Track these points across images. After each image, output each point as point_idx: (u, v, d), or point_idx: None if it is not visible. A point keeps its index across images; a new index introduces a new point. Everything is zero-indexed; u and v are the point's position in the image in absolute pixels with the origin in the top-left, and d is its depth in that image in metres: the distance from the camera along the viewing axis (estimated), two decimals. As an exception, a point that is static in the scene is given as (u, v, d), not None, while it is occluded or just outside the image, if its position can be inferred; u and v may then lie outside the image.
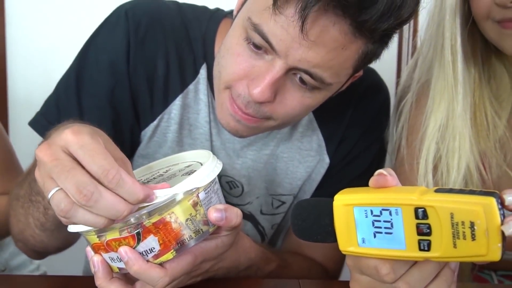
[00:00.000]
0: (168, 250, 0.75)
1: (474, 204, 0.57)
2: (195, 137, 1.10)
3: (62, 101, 1.06)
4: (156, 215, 0.73)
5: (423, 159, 1.06)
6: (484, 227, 0.56)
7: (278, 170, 1.15)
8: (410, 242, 0.61)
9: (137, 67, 1.05)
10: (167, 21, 1.08)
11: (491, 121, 1.07)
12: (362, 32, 0.86)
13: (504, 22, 0.96)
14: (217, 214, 0.77)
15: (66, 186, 0.64)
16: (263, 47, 0.89)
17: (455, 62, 1.03)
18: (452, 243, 0.58)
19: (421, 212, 0.59)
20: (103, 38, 1.08)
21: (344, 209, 0.64)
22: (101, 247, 0.75)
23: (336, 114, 1.13)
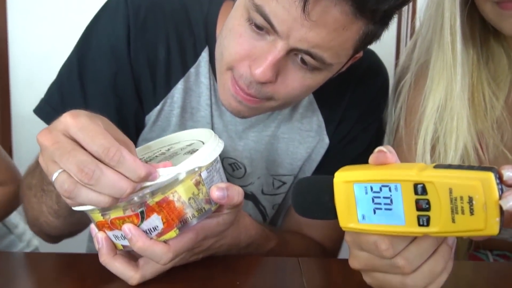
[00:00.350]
0: (171, 229, 0.76)
1: (472, 179, 0.58)
2: (197, 119, 1.11)
3: (65, 87, 1.07)
4: (159, 194, 0.74)
5: (421, 139, 1.06)
6: (483, 202, 0.57)
7: (279, 151, 1.16)
8: (410, 217, 0.61)
9: (138, 52, 1.06)
10: (167, 4, 1.08)
11: (489, 102, 1.08)
12: (363, 13, 0.87)
13: (503, 2, 0.96)
14: (219, 192, 0.78)
15: (68, 167, 0.65)
16: (264, 28, 0.89)
17: (454, 42, 1.03)
18: (451, 218, 0.59)
19: (420, 187, 0.60)
20: (103, 23, 1.08)
21: (344, 185, 0.65)
22: (105, 225, 0.76)
23: (336, 95, 1.14)
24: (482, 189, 0.57)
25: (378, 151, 0.65)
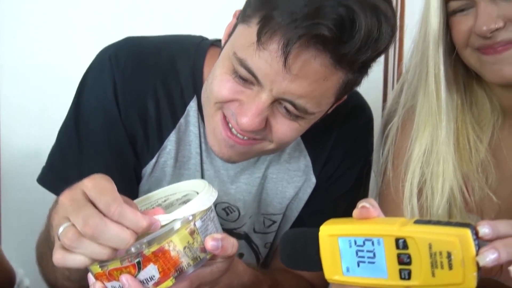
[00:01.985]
0: (167, 278, 0.76)
1: (450, 235, 0.59)
2: (188, 167, 1.12)
3: (66, 153, 1.09)
4: (155, 244, 0.74)
5: (409, 182, 1.08)
6: (460, 257, 0.58)
7: (269, 191, 1.16)
8: (392, 271, 0.62)
9: (128, 110, 1.07)
10: (151, 58, 1.10)
11: (473, 145, 1.09)
12: (342, 64, 0.89)
13: (483, 48, 0.99)
14: (214, 242, 0.78)
15: (75, 220, 0.68)
16: (249, 80, 0.91)
17: (439, 90, 1.06)
18: (431, 272, 0.60)
19: (401, 242, 0.61)
20: (90, 85, 1.09)
21: (329, 239, 0.65)
22: (103, 276, 0.76)
23: (322, 136, 1.15)
24: (459, 245, 0.59)
25: (361, 206, 0.66)
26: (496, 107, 1.12)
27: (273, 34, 0.87)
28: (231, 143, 0.97)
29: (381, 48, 0.91)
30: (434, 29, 1.04)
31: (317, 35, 0.85)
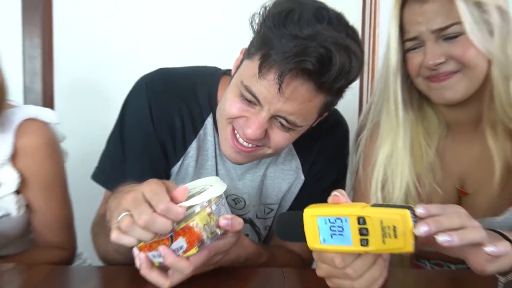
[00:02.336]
0: (192, 247, 0.80)
1: (395, 214, 0.65)
2: (206, 168, 1.14)
3: (113, 157, 1.12)
4: (183, 223, 0.78)
5: (375, 180, 1.10)
6: (402, 230, 0.65)
7: (268, 186, 1.18)
8: (355, 240, 0.68)
9: (160, 125, 1.10)
10: (177, 85, 1.12)
11: (424, 151, 1.11)
12: (322, 90, 0.93)
13: (430, 78, 1.02)
14: (225, 221, 0.81)
15: (133, 213, 0.73)
16: (252, 101, 0.95)
17: (397, 110, 1.08)
18: (382, 240, 0.66)
19: (361, 220, 0.67)
20: (131, 106, 1.12)
21: (310, 218, 0.70)
22: (145, 248, 0.81)
23: (309, 144, 1.16)
24: (401, 221, 0.65)
25: (333, 195, 0.71)
26: (442, 122, 1.13)
27: (270, 68, 0.90)
28: (237, 149, 1.01)
29: (351, 78, 0.94)
30: (393, 63, 1.05)
31: (303, 69, 0.88)
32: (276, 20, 0.92)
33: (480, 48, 0.97)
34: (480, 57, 0.99)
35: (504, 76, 1.00)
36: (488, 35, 0.98)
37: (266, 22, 0.94)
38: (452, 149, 1.15)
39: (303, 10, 0.91)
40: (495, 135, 1.07)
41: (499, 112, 1.03)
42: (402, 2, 1.03)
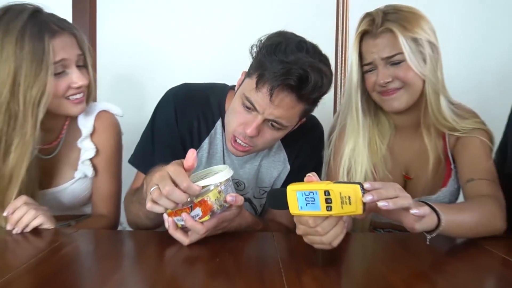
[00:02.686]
0: (206, 215, 0.86)
1: (350, 187, 0.72)
2: (215, 158, 1.19)
3: (145, 148, 1.17)
4: (199, 197, 0.84)
5: (342, 168, 1.16)
6: (354, 198, 0.72)
7: (262, 173, 1.22)
8: (323, 207, 0.74)
9: (182, 126, 1.14)
10: (196, 97, 1.17)
11: (378, 147, 1.18)
12: (302, 100, 1.00)
13: (381, 93, 1.10)
14: (231, 198, 0.88)
15: (160, 186, 0.80)
16: (251, 108, 1.01)
17: (358, 116, 1.15)
18: (341, 206, 0.73)
19: (327, 192, 0.73)
20: (160, 111, 1.16)
21: (292, 192, 0.76)
22: (172, 214, 0.87)
23: (294, 142, 1.20)
24: (353, 192, 0.72)
25: (308, 176, 0.77)
26: (391, 125, 1.20)
27: (264, 84, 0.97)
28: (236, 148, 1.07)
29: (323, 92, 1.02)
30: (354, 82, 1.12)
31: (288, 84, 0.96)
32: (269, 49, 0.99)
33: (416, 72, 1.05)
34: (417, 78, 1.07)
35: (434, 92, 1.08)
36: (422, 62, 1.05)
37: (261, 51, 1.01)
38: (399, 145, 1.21)
39: (288, 42, 0.98)
40: (429, 135, 1.15)
41: (432, 118, 1.11)
42: (360, 38, 1.10)
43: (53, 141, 1.17)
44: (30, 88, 0.98)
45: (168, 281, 0.73)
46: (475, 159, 1.08)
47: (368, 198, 0.73)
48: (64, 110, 1.10)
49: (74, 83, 1.07)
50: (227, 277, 0.75)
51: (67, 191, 1.19)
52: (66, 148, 1.19)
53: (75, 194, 1.20)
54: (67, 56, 1.05)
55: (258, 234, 1.01)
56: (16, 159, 1.01)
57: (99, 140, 1.21)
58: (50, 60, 1.00)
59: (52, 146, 1.17)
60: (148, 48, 1.85)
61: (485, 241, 0.94)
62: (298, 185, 0.77)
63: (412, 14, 1.07)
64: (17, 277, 0.72)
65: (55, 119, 1.14)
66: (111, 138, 1.23)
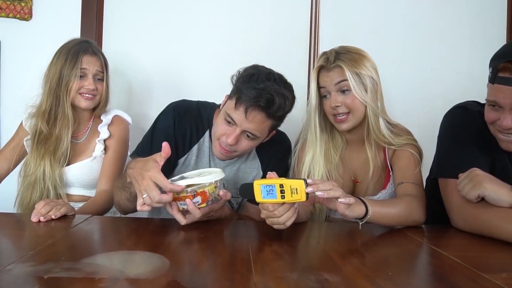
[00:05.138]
0: (204, 203, 1.00)
1: (297, 182, 0.92)
2: (203, 161, 1.33)
3: (144, 147, 1.30)
4: (201, 189, 0.99)
5: (303, 173, 1.32)
6: (300, 190, 0.91)
7: (240, 176, 1.35)
8: (278, 196, 0.92)
9: (178, 132, 1.28)
10: (191, 111, 1.32)
11: (332, 156, 1.36)
12: (270, 117, 1.17)
13: (335, 116, 1.29)
14: (223, 193, 1.03)
15: (150, 195, 0.94)
16: (231, 122, 1.17)
17: (316, 132, 1.32)
18: (291, 196, 0.92)
19: (281, 185, 0.91)
20: (162, 119, 1.31)
21: (257, 185, 0.94)
22: (177, 199, 1.00)
23: (266, 151, 1.35)
24: (299, 185, 0.91)
25: (268, 173, 0.96)
26: (343, 139, 1.38)
27: (241, 104, 1.14)
28: (221, 152, 1.23)
29: (286, 111, 1.21)
30: (313, 104, 1.30)
31: (258, 105, 1.13)
32: (245, 79, 1.18)
33: (359, 99, 1.26)
34: (360, 104, 1.27)
35: (374, 115, 1.29)
36: (364, 91, 1.26)
37: (239, 80, 1.20)
38: (349, 156, 1.38)
39: (259, 73, 1.18)
40: (371, 148, 1.35)
41: (372, 134, 1.32)
42: (318, 71, 1.31)
43: (82, 131, 1.63)
44: (66, 81, 1.49)
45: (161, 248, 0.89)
46: (405, 167, 1.28)
47: (309, 189, 0.93)
48: (78, 102, 1.54)
49: (86, 85, 1.53)
50: (212, 250, 0.91)
51: (87, 165, 1.57)
52: (90, 136, 1.62)
53: (92, 170, 1.58)
54: (88, 67, 1.54)
55: (234, 222, 1.20)
56: (60, 127, 1.52)
57: (113, 129, 1.62)
58: (78, 66, 1.51)
59: (80, 134, 1.62)
60: (151, 64, 2.00)
61: (407, 229, 1.13)
62: (261, 180, 0.97)
63: (358, 55, 1.27)
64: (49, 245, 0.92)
65: (82, 113, 1.59)
66: (122, 130, 1.62)
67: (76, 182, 1.59)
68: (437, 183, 1.24)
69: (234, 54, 1.97)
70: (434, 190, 1.24)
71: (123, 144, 1.63)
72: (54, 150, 1.52)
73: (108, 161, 1.58)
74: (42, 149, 1.52)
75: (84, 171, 1.58)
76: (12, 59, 1.93)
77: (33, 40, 1.94)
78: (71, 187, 1.61)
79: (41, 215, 1.13)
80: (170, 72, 1.98)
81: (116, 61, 1.93)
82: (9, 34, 1.93)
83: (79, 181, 1.59)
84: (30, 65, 1.89)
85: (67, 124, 1.53)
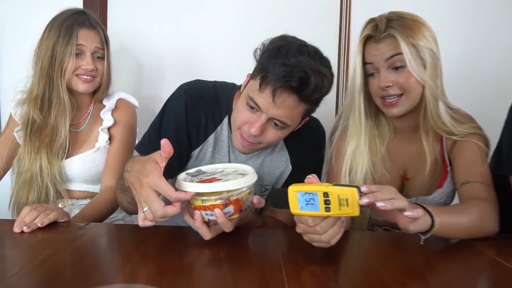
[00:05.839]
0: (236, 213, 0.86)
1: (347, 191, 0.74)
2: (220, 154, 1.18)
3: (151, 137, 1.16)
4: (235, 195, 0.84)
5: (344, 167, 1.16)
6: (351, 201, 0.74)
7: (264, 171, 1.21)
8: (321, 208, 0.76)
9: (191, 120, 1.14)
10: (206, 94, 1.16)
11: (378, 147, 1.19)
12: (303, 101, 1.00)
13: (383, 99, 1.09)
14: (257, 200, 0.89)
15: (152, 210, 0.80)
16: (255, 108, 1.02)
17: (361, 118, 1.15)
18: (339, 208, 0.75)
19: (326, 194, 0.75)
20: (172, 104, 1.16)
21: (292, 193, 0.78)
22: (201, 207, 0.85)
23: (295, 143, 1.20)
24: (351, 195, 0.74)
25: (308, 177, 0.79)
26: (391, 128, 1.21)
27: (267, 85, 0.97)
28: (243, 144, 1.07)
29: (324, 93, 1.02)
30: (358, 84, 1.12)
31: (289, 86, 0.96)
32: (271, 53, 1.00)
33: (416, 77, 1.06)
34: (416, 84, 1.07)
35: (433, 97, 1.09)
36: (422, 68, 1.06)
37: (265, 54, 1.02)
38: (397, 147, 1.21)
39: (290, 46, 0.99)
40: (428, 138, 1.16)
41: (430, 121, 1.12)
42: (364, 42, 1.11)
43: (81, 118, 1.44)
44: (60, 60, 1.29)
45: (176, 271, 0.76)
46: (470, 162, 1.09)
47: (365, 201, 0.74)
48: (74, 85, 1.35)
49: (83, 65, 1.32)
50: (232, 270, 0.77)
51: (89, 158, 1.40)
52: (92, 124, 1.44)
53: (95, 162, 1.41)
54: (85, 43, 1.33)
55: (260, 231, 1.03)
56: (55, 115, 1.33)
57: (118, 115, 1.44)
58: (74, 43, 1.30)
59: (80, 121, 1.44)
60: (162, 41, 1.85)
61: (477, 242, 0.95)
62: (299, 186, 0.79)
63: (414, 21, 1.07)
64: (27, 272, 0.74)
65: (80, 98, 1.41)
66: (128, 116, 1.45)
67: (78, 176, 1.41)
68: (503, 181, 1.05)
69: (255, 27, 1.79)
70: (498, 190, 1.05)
71: (130, 131, 1.45)
72: (50, 142, 1.34)
73: (113, 153, 1.40)
74: (37, 141, 1.33)
75: (86, 164, 1.41)
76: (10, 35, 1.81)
77: (32, 13, 1.79)
78: (72, 182, 1.43)
79: (25, 225, 0.95)
80: (183, 50, 1.83)
81: (123, 38, 1.81)
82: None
83: (81, 175, 1.41)
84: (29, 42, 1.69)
85: (63, 111, 1.34)
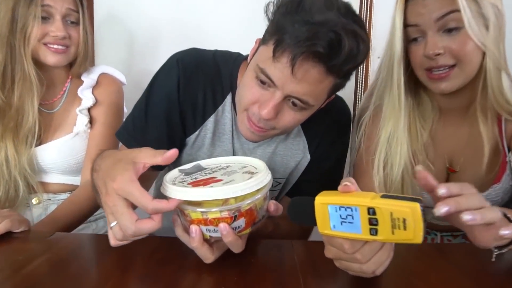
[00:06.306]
0: (248, 228, 0.72)
1: (405, 207, 0.56)
2: (222, 140, 1.06)
3: (136, 120, 1.03)
4: (246, 205, 0.70)
5: (377, 159, 1.02)
6: (412, 222, 0.55)
7: (276, 162, 1.10)
8: (364, 229, 0.59)
9: (185, 97, 1.02)
10: (204, 65, 1.04)
11: (419, 132, 1.04)
12: (332, 72, 0.84)
13: (429, 71, 0.93)
14: (274, 207, 0.75)
15: (121, 226, 0.65)
16: (267, 83, 0.86)
17: (400, 95, 0.99)
18: (391, 231, 0.57)
19: (371, 210, 0.58)
20: (161, 78, 1.03)
21: (322, 206, 0.62)
22: (201, 221, 0.70)
23: (316, 128, 1.08)
24: (411, 214, 0.55)
25: (344, 184, 0.61)
26: (435, 107, 1.05)
27: (284, 51, 0.82)
28: (252, 130, 0.94)
29: (359, 61, 0.86)
30: (398, 52, 0.96)
31: (314, 52, 0.80)
32: (289, 7, 0.83)
33: (476, 41, 0.88)
34: (475, 51, 0.90)
35: (496, 68, 0.91)
36: (484, 29, 0.88)
37: (280, 10, 0.85)
38: (443, 131, 1.06)
39: None
40: (486, 120, 0.99)
41: (491, 99, 0.95)
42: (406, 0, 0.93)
43: (55, 97, 1.25)
44: (23, 24, 1.11)
45: None
46: None
47: (443, 210, 0.58)
48: (42, 56, 1.16)
49: (52, 32, 1.14)
50: None
51: (66, 145, 1.22)
52: (68, 104, 1.25)
53: (74, 150, 1.23)
54: (53, 4, 1.13)
55: (274, 243, 0.87)
56: (20, 93, 1.14)
57: (100, 93, 1.26)
58: (38, 3, 1.10)
59: (54, 101, 1.25)
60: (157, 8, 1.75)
61: None
62: (330, 196, 0.62)
63: None
64: None
65: (52, 72, 1.22)
66: (112, 94, 1.27)
67: (53, 167, 1.22)
68: None
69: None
70: None
71: (115, 112, 1.27)
72: (16, 126, 1.14)
73: (95, 139, 1.23)
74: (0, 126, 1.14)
75: (63, 152, 1.21)
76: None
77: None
78: (48, 173, 1.23)
79: None
80: (181, 19, 1.71)
81: (114, 5, 1.71)
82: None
83: (57, 165, 1.22)
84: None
85: (29, 89, 1.14)
